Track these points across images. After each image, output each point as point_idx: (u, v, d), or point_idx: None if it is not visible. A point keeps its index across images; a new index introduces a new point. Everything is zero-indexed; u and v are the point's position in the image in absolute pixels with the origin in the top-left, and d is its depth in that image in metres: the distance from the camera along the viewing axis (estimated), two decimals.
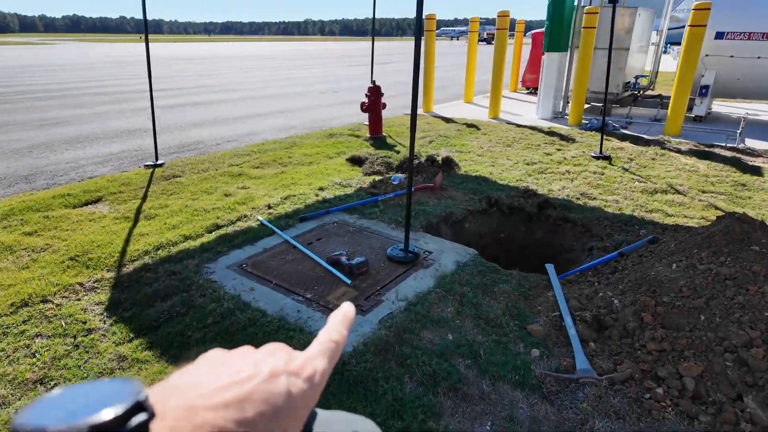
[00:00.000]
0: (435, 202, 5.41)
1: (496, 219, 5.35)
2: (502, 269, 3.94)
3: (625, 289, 3.42)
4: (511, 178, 6.39)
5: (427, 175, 6.31)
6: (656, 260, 3.62)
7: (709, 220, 5.03)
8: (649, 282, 3.36)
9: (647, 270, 3.51)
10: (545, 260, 5.55)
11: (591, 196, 5.80)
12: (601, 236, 4.79)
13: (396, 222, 4.74)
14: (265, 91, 16.27)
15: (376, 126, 8.45)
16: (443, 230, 4.90)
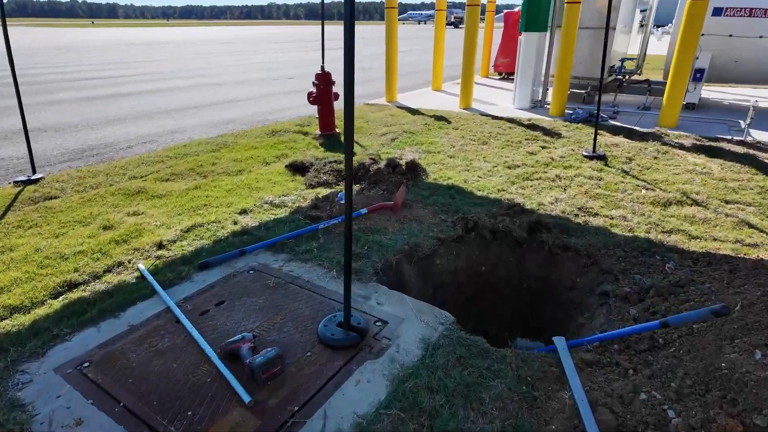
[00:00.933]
0: (396, 227, 4.08)
1: (476, 248, 4.06)
2: (491, 348, 2.65)
3: (683, 391, 2.19)
4: (490, 188, 5.12)
5: (387, 187, 4.96)
6: (721, 338, 2.40)
7: (746, 244, 3.89)
8: (721, 382, 2.14)
9: (712, 357, 2.29)
10: (539, 302, 4.35)
11: (592, 210, 4.59)
12: (615, 273, 3.58)
13: (340, 265, 3.38)
14: (213, 78, 14.48)
15: (327, 121, 7.01)
16: (406, 273, 3.58)
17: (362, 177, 5.25)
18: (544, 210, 4.58)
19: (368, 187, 5.04)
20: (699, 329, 2.55)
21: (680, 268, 3.55)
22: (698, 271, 3.41)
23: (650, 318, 2.90)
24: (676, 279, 3.29)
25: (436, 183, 5.28)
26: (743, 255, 3.74)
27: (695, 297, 3.00)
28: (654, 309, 2.97)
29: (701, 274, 3.34)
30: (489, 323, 4.20)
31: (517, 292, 4.20)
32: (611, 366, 2.54)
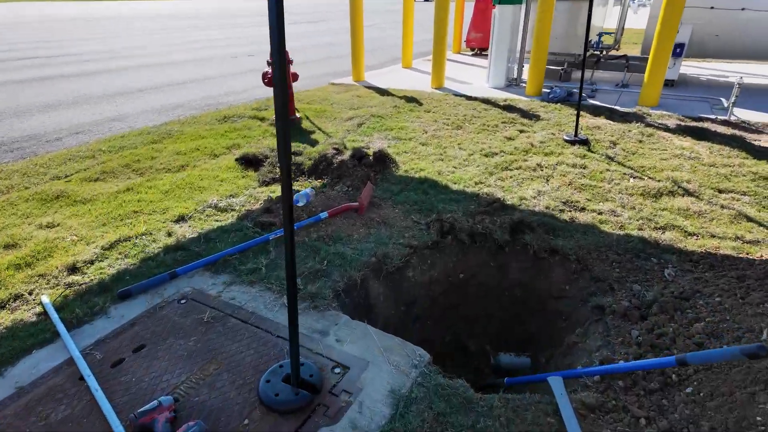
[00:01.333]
0: (362, 233, 3.54)
1: (453, 255, 3.57)
2: (475, 396, 2.18)
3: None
4: (467, 180, 4.62)
5: (353, 182, 4.39)
6: (753, 381, 1.99)
7: (747, 242, 3.54)
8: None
9: (745, 408, 1.88)
10: (524, 312, 3.91)
11: (578, 205, 4.15)
12: (609, 281, 3.16)
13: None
14: (163, 57, 13.34)
15: None
16: (374, 292, 3.05)
17: (324, 171, 4.66)
18: (527, 205, 4.12)
19: (331, 182, 4.46)
20: (721, 363, 2.13)
21: (681, 274, 3.16)
22: (702, 279, 3.02)
23: (656, 342, 2.48)
24: (680, 290, 2.88)
25: (408, 176, 4.74)
26: (746, 255, 3.37)
27: (705, 314, 2.59)
28: (660, 330, 2.55)
29: (706, 283, 2.95)
30: (469, 336, 3.76)
31: (500, 302, 3.75)
32: (618, 412, 2.11)
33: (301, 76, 6.67)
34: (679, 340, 2.43)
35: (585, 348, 2.83)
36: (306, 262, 3.08)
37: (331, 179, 4.51)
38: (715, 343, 2.31)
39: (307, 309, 2.62)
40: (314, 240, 3.37)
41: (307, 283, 2.86)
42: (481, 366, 3.58)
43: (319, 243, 3.33)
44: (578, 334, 3.00)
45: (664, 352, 2.41)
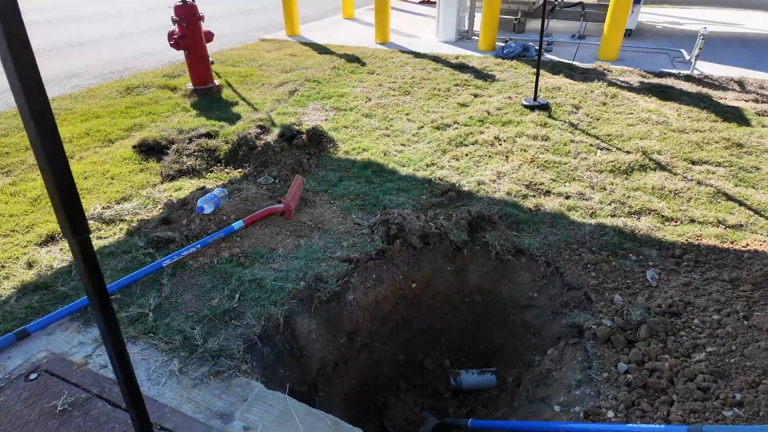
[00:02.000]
0: (289, 245, 2.84)
1: (403, 263, 2.96)
2: None
3: None
4: (417, 161, 3.96)
5: (281, 172, 3.62)
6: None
7: (730, 226, 3.14)
8: None
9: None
10: (487, 323, 3.40)
11: (542, 187, 3.61)
12: (584, 289, 2.67)
13: (192, 344, 2.12)
14: (74, 8, 11.43)
15: (200, 71, 5.30)
16: (303, 330, 2.40)
17: (245, 157, 3.84)
18: (485, 192, 3.53)
19: (254, 172, 3.67)
20: None
21: (665, 276, 2.71)
22: (691, 285, 2.58)
23: (650, 382, 2.02)
24: (668, 302, 2.43)
25: (348, 158, 4.01)
26: (731, 244, 2.97)
27: (704, 339, 2.14)
28: (653, 365, 2.08)
29: (697, 291, 2.51)
30: (426, 354, 3.23)
31: (459, 312, 3.22)
32: None
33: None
34: (678, 382, 1.97)
35: (562, 380, 2.36)
36: (210, 299, 2.38)
37: (254, 168, 3.72)
38: (725, 387, 1.86)
39: (206, 378, 1.95)
40: (225, 262, 2.64)
41: (208, 334, 2.17)
42: (440, 388, 3.08)
43: (230, 266, 2.61)
44: (552, 359, 2.52)
45: (661, 398, 1.94)
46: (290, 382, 2.29)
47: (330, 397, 2.58)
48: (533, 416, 2.37)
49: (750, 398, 1.75)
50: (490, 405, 2.98)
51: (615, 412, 1.95)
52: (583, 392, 2.18)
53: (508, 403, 2.77)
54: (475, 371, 3.06)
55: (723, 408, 1.78)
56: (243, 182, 3.52)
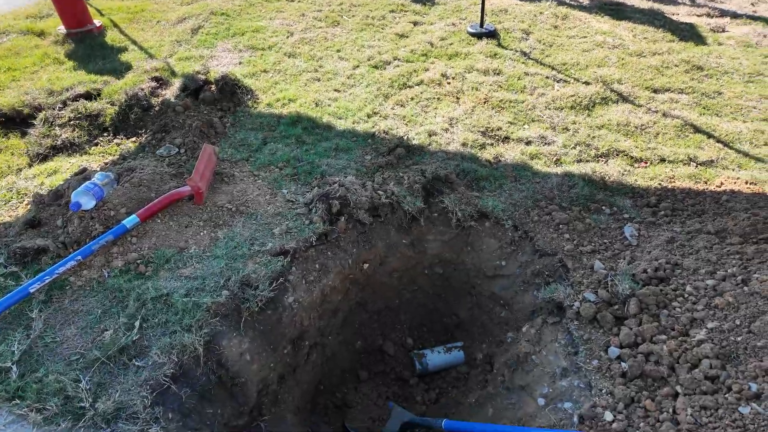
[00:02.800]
0: (203, 240, 2.24)
1: (350, 244, 2.47)
2: None
3: None
4: (356, 111, 3.35)
5: (186, 140, 2.91)
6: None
7: (702, 163, 2.89)
8: None
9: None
10: (451, 296, 3.01)
11: (500, 133, 3.17)
12: (559, 255, 2.34)
13: (75, 410, 1.57)
14: None
15: (70, 8, 4.18)
16: (232, 356, 1.89)
17: (139, 122, 3.06)
18: (438, 144, 3.04)
19: (152, 141, 2.92)
20: None
21: (645, 231, 2.42)
22: (674, 241, 2.30)
23: (648, 370, 1.74)
24: (653, 265, 2.14)
25: (272, 113, 3.32)
26: (705, 185, 2.73)
27: (702, 312, 1.88)
28: (649, 348, 1.80)
29: (683, 249, 2.24)
30: (386, 335, 2.86)
31: (419, 287, 2.84)
32: None
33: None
34: (681, 370, 1.70)
35: (544, 366, 2.06)
36: (102, 332, 1.80)
37: (151, 135, 2.96)
38: (736, 375, 1.60)
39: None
40: (118, 274, 2.03)
41: (100, 388, 1.62)
42: (404, 373, 2.76)
43: (126, 279, 2.00)
44: (529, 340, 2.21)
45: (663, 390, 1.67)
46: (224, 419, 1.83)
47: (278, 416, 2.16)
48: (514, 408, 2.08)
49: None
50: (460, 385, 2.70)
51: (613, 412, 1.67)
52: (570, 383, 1.89)
53: (481, 385, 2.49)
54: (441, 348, 2.75)
55: (738, 403, 1.53)
56: (139, 156, 2.78)
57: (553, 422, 1.78)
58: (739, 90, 3.55)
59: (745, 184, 2.69)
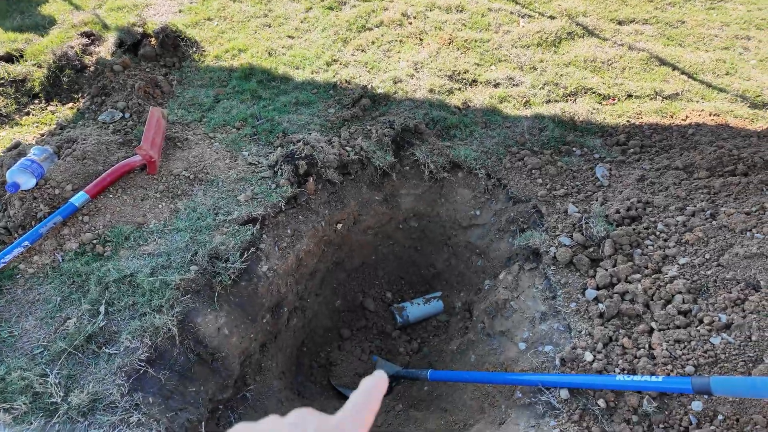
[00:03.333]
0: (162, 212, 2.09)
1: (322, 205, 2.37)
2: None
3: None
4: (313, 59, 3.13)
5: (130, 102, 2.64)
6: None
7: (667, 97, 2.89)
8: None
9: None
10: (428, 248, 2.95)
11: (467, 77, 3.05)
12: (533, 201, 2.33)
13: (47, 406, 1.48)
14: None
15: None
16: (209, 332, 1.81)
17: (73, 85, 2.75)
18: (404, 92, 2.90)
19: (91, 106, 2.64)
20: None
21: (615, 171, 2.43)
22: (644, 179, 2.32)
23: (624, 309, 1.79)
24: (625, 205, 2.16)
25: (222, 66, 3.06)
26: (671, 119, 2.74)
27: (673, 250, 1.92)
28: (626, 288, 1.85)
29: (653, 186, 2.26)
30: (365, 291, 2.84)
31: (395, 241, 2.80)
32: None
33: None
34: (655, 307, 1.75)
35: (523, 311, 2.10)
36: (64, 321, 1.67)
37: (90, 99, 2.68)
38: (707, 308, 1.67)
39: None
40: (74, 257, 1.87)
41: (71, 380, 1.53)
42: (385, 327, 2.78)
43: (84, 262, 1.86)
44: (507, 287, 2.24)
45: (639, 327, 1.73)
46: (209, 395, 1.79)
47: (264, 383, 2.14)
48: (495, 353, 2.13)
49: (738, 320, 1.57)
50: (440, 333, 2.75)
51: (593, 352, 1.72)
52: (550, 327, 1.94)
53: (461, 333, 2.54)
54: (420, 300, 2.77)
55: (710, 335, 1.60)
56: (79, 124, 2.52)
57: (535, 365, 1.82)
58: (701, 18, 3.51)
59: (709, 116, 2.71)
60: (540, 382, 1.68)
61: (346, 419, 0.39)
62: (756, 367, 1.46)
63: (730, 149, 2.26)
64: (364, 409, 0.40)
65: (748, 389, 1.25)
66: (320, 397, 2.47)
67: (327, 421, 0.38)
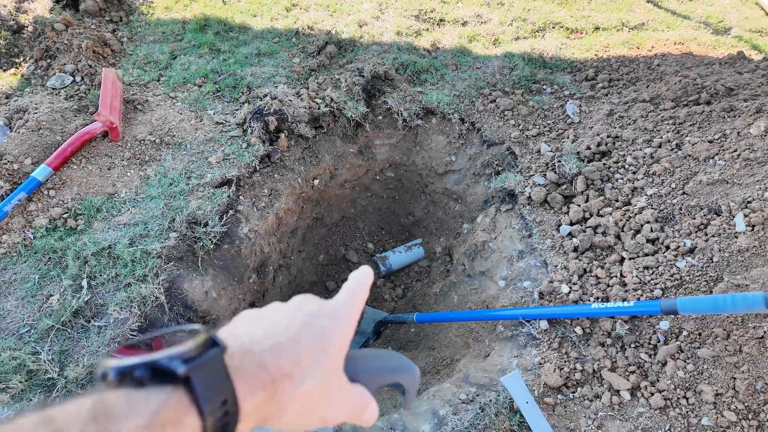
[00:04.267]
0: (131, 180, 2.02)
1: (296, 162, 2.33)
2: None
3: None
4: (271, 5, 2.97)
5: (79, 64, 2.47)
6: (753, 316, 1.50)
7: (633, 27, 2.88)
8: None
9: (754, 361, 1.43)
10: (402, 197, 2.95)
11: (434, 16, 2.97)
12: (507, 143, 2.36)
13: (45, 381, 1.48)
14: None
15: None
16: (197, 296, 1.81)
17: (12, 50, 2.54)
18: (371, 36, 2.80)
19: (36, 71, 2.46)
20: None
21: (585, 107, 2.46)
22: (613, 113, 2.36)
23: (597, 242, 1.88)
24: (596, 141, 2.21)
25: (174, 18, 2.86)
26: (638, 50, 2.76)
27: (642, 181, 2.00)
28: (597, 221, 1.93)
29: (621, 120, 2.31)
30: (347, 244, 2.88)
31: (372, 192, 2.81)
32: (591, 384, 1.58)
33: None
34: (626, 237, 1.85)
35: (501, 251, 2.18)
36: (47, 298, 1.65)
37: (35, 65, 2.48)
38: (673, 234, 1.77)
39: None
40: (45, 233, 1.82)
41: (65, 355, 1.53)
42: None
43: (57, 237, 1.80)
44: (485, 229, 2.31)
45: (611, 257, 1.83)
46: None
47: None
48: (477, 292, 2.23)
49: (701, 244, 1.68)
50: (423, 278, 2.85)
51: (569, 284, 1.82)
52: (527, 263, 2.03)
53: (443, 276, 2.64)
54: (402, 248, 2.84)
55: (676, 259, 1.71)
56: (26, 92, 2.35)
57: (515, 300, 1.92)
58: None
59: (674, 45, 2.74)
60: (520, 315, 1.78)
61: (342, 302, 0.44)
62: (717, 285, 1.58)
63: (694, 78, 2.31)
64: (356, 294, 0.45)
65: (710, 306, 1.36)
66: None
67: (325, 304, 0.42)
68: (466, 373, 1.70)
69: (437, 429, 1.49)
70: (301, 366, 0.37)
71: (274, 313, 0.40)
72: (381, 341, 2.53)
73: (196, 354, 0.32)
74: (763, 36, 2.87)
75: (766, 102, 2.04)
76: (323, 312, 0.41)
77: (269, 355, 0.36)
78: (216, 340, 0.34)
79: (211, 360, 0.33)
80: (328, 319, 0.41)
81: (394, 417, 1.57)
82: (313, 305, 0.42)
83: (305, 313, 0.40)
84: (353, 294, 0.45)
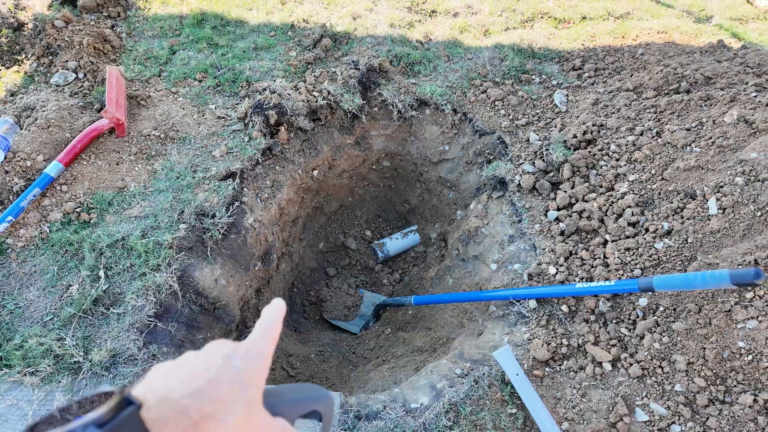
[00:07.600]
0: (140, 175, 2.11)
1: (296, 154, 2.43)
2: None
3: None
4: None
5: (81, 60, 2.53)
6: (721, 291, 1.64)
7: (618, 17, 2.97)
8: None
9: (722, 332, 1.57)
10: (398, 185, 3.05)
11: (425, 7, 3.04)
12: (497, 133, 2.47)
13: (71, 365, 1.60)
14: None
15: None
16: (207, 283, 1.93)
17: (13, 47, 2.59)
18: (365, 28, 2.87)
19: (39, 69, 2.52)
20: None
21: (572, 96, 2.57)
22: (598, 102, 2.47)
23: (582, 225, 2.01)
24: (582, 129, 2.32)
25: (171, 13, 2.91)
26: (623, 39, 2.86)
27: (624, 168, 2.12)
28: (583, 206, 2.06)
29: (606, 109, 2.42)
30: (346, 232, 3.00)
31: (369, 181, 2.91)
32: (575, 357, 1.72)
33: None
34: (609, 221, 1.98)
35: (493, 236, 2.31)
36: (66, 288, 1.75)
37: (37, 62, 2.54)
38: (652, 218, 1.90)
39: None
40: (61, 226, 1.91)
41: (88, 340, 1.64)
42: (368, 263, 2.97)
43: (72, 230, 1.90)
44: (477, 215, 2.43)
45: (595, 240, 1.96)
46: (216, 339, 1.95)
47: None
48: (470, 275, 2.36)
49: (678, 226, 1.81)
50: (419, 263, 2.98)
51: (556, 266, 1.95)
52: (518, 248, 2.16)
53: (438, 260, 2.77)
54: (398, 235, 2.96)
55: (654, 241, 1.84)
56: (31, 89, 2.41)
57: (506, 282, 2.05)
58: None
59: (657, 34, 2.84)
60: (511, 296, 1.91)
61: (254, 341, 0.45)
62: (691, 264, 1.72)
63: (675, 67, 2.42)
64: (267, 332, 0.47)
65: (682, 283, 1.49)
66: (314, 330, 2.69)
67: (239, 345, 0.44)
68: (461, 350, 1.84)
69: (435, 400, 1.62)
70: (223, 404, 0.39)
71: (189, 362, 0.41)
72: (381, 323, 2.66)
73: (110, 417, 0.34)
74: (743, 23, 2.98)
75: (740, 91, 2.16)
76: (237, 353, 0.42)
77: (190, 400, 0.37)
78: (130, 399, 0.36)
79: (126, 419, 0.34)
80: (242, 359, 0.42)
81: (395, 391, 1.71)
82: (227, 348, 0.43)
83: (221, 356, 0.41)
84: (265, 332, 0.47)
